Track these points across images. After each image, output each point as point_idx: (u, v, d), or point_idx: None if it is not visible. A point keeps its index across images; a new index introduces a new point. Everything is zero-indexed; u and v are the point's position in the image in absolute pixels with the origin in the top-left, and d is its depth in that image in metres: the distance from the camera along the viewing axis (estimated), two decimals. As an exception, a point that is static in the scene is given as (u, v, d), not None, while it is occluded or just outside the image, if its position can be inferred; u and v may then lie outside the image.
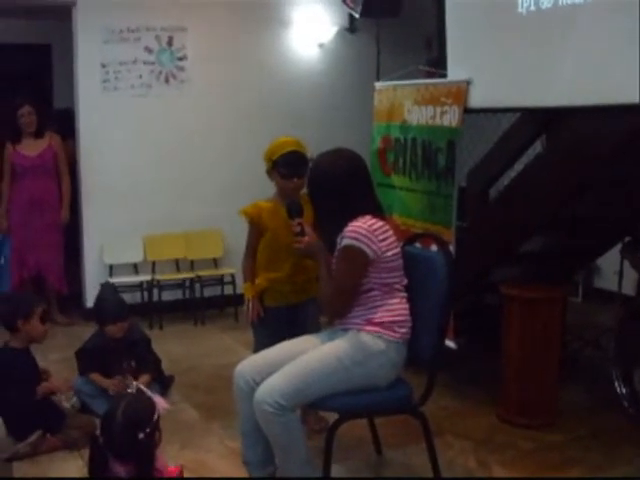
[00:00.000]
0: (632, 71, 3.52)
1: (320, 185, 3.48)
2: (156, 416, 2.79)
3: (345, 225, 3.37)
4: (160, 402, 2.86)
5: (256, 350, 4.12)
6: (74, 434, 4.18)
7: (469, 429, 4.47)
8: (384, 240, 3.35)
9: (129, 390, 2.95)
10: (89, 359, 4.74)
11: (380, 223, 3.38)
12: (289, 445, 3.29)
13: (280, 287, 4.15)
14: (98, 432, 2.76)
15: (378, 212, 3.48)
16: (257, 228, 4.17)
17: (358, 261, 3.31)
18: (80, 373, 4.76)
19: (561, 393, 4.66)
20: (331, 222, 3.46)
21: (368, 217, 3.36)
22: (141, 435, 2.68)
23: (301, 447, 3.31)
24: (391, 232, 3.42)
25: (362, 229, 3.30)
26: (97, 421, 3.85)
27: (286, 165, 4.04)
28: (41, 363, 4.40)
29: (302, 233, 3.57)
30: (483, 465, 4.02)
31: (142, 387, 2.94)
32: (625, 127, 3.79)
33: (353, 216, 3.36)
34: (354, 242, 3.28)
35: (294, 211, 3.63)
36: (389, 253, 3.37)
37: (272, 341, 3.85)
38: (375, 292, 3.39)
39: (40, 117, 6.49)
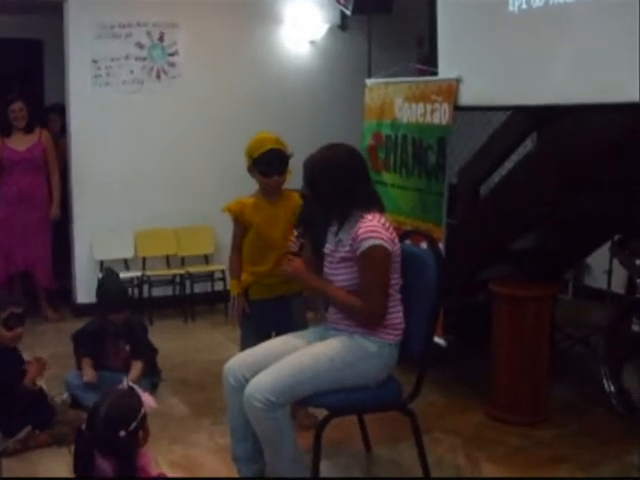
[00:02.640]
0: (631, 69, 3.51)
1: (316, 179, 3.47)
2: (142, 414, 2.78)
3: (340, 219, 3.41)
4: (148, 400, 2.86)
5: (242, 344, 4.19)
6: (63, 430, 4.17)
7: (458, 426, 4.48)
8: (394, 239, 3.37)
9: (120, 386, 2.95)
10: (86, 342, 4.77)
11: (388, 221, 3.40)
12: (278, 441, 3.29)
13: (265, 280, 4.20)
14: (84, 426, 2.76)
15: (379, 207, 3.48)
16: (241, 224, 4.23)
17: (385, 258, 3.31)
18: (75, 355, 4.78)
19: (550, 390, 4.67)
20: (326, 217, 3.49)
21: (378, 215, 3.37)
22: (122, 433, 2.68)
23: (290, 443, 3.32)
24: (395, 232, 3.43)
25: (378, 227, 3.30)
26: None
27: (266, 164, 4.10)
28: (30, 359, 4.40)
29: (298, 253, 3.55)
30: (472, 462, 4.03)
31: (132, 384, 2.94)
32: (619, 126, 3.79)
33: (352, 210, 3.38)
34: (377, 241, 3.27)
35: (300, 229, 3.64)
36: (397, 253, 3.39)
37: (258, 335, 3.92)
38: None
39: (31, 113, 6.49)
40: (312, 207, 3.65)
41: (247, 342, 4.08)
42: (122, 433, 2.68)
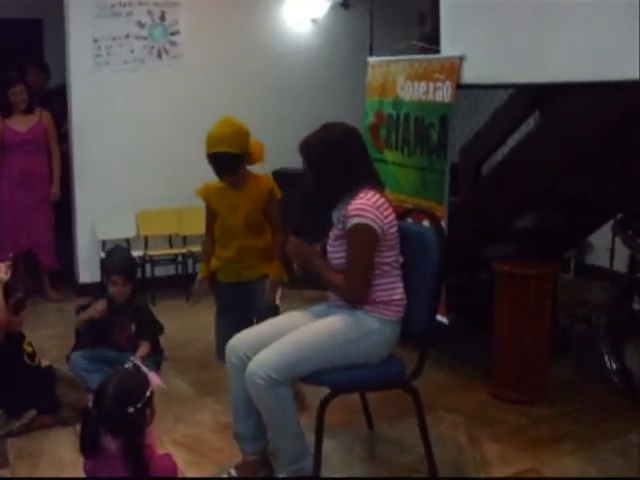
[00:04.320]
0: (631, 47, 3.51)
1: (312, 161, 3.46)
2: (149, 393, 2.80)
3: (340, 199, 3.39)
4: (154, 379, 2.87)
5: (216, 327, 4.37)
6: (66, 412, 4.19)
7: (460, 404, 4.49)
8: (387, 217, 3.35)
9: (126, 365, 2.96)
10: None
11: (383, 199, 3.37)
12: (281, 419, 3.30)
13: (230, 265, 4.28)
14: (91, 404, 2.77)
15: (377, 185, 3.47)
16: (210, 208, 4.34)
17: (369, 238, 3.30)
18: (76, 332, 4.82)
19: (552, 369, 4.69)
20: (327, 198, 3.48)
21: (372, 193, 3.35)
22: (131, 409, 2.69)
23: (293, 421, 3.33)
24: (391, 209, 3.41)
25: (367, 205, 3.29)
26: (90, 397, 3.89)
27: (212, 166, 4.17)
28: (33, 339, 4.41)
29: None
30: (474, 440, 4.05)
31: (139, 363, 2.95)
32: (620, 104, 3.79)
33: (350, 189, 3.37)
34: (362, 220, 3.27)
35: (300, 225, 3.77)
36: (391, 230, 3.37)
37: (226, 317, 4.16)
38: (374, 271, 3.38)
39: (31, 95, 6.48)
40: (311, 188, 3.60)
41: (217, 325, 4.28)
42: (130, 410, 2.69)
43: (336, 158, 3.38)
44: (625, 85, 3.64)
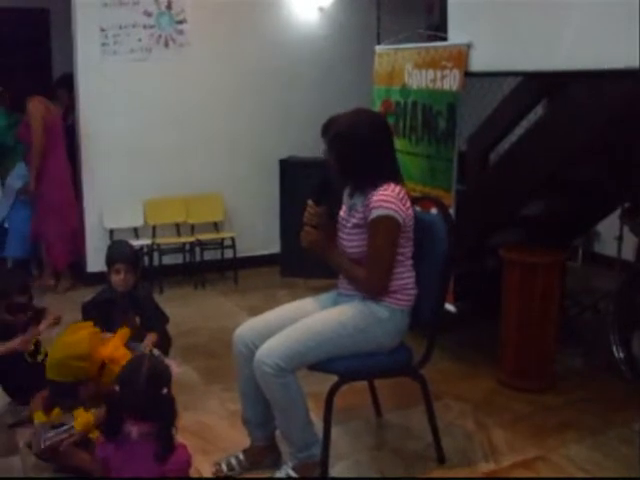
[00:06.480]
0: (632, 36, 3.50)
1: (342, 145, 3.38)
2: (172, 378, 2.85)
3: (363, 184, 3.37)
4: (173, 367, 2.91)
5: None
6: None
7: (468, 392, 4.50)
8: (408, 209, 3.35)
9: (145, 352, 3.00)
10: (93, 312, 4.75)
11: (404, 191, 3.37)
12: (289, 407, 3.31)
13: None
14: (117, 388, 2.78)
15: (399, 177, 3.46)
16: None
17: (393, 230, 3.29)
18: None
19: (559, 357, 4.69)
20: (348, 181, 3.46)
21: (392, 185, 3.33)
22: (165, 390, 2.73)
23: (301, 409, 3.34)
24: (409, 201, 3.41)
25: (391, 197, 3.27)
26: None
27: None
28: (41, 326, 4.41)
29: (315, 226, 3.47)
30: (482, 427, 4.06)
31: (155, 351, 2.99)
32: (624, 92, 3.78)
33: (373, 177, 3.34)
34: (386, 211, 3.25)
35: (320, 194, 3.52)
36: (410, 222, 3.38)
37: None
38: None
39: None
40: (332, 172, 3.50)
41: None
42: (164, 391, 2.72)
43: (364, 146, 3.34)
44: (627, 74, 3.63)
